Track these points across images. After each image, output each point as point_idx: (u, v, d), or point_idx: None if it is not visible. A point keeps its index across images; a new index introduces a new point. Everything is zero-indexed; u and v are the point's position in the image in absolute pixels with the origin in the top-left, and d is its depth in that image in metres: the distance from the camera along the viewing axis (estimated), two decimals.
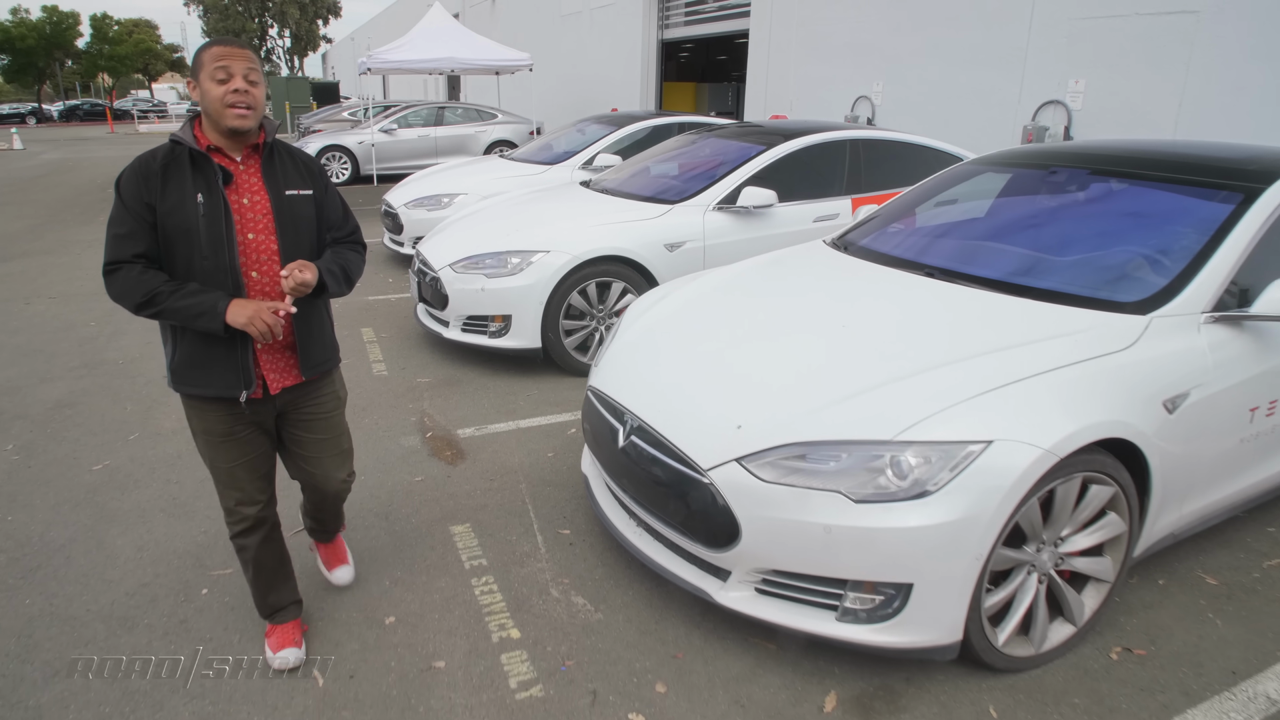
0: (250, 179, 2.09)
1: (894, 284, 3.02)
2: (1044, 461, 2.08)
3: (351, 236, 2.33)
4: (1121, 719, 2.20)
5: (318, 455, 2.36)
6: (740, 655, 2.42)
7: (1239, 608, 2.70)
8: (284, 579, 2.43)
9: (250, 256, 2.08)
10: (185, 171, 2.00)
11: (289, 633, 2.40)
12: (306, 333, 2.21)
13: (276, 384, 2.19)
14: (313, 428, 2.33)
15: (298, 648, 2.37)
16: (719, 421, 2.36)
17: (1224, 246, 2.71)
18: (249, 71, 1.99)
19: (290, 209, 2.13)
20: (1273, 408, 2.76)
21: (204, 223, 1.99)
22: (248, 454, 2.23)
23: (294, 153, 2.22)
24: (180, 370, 2.12)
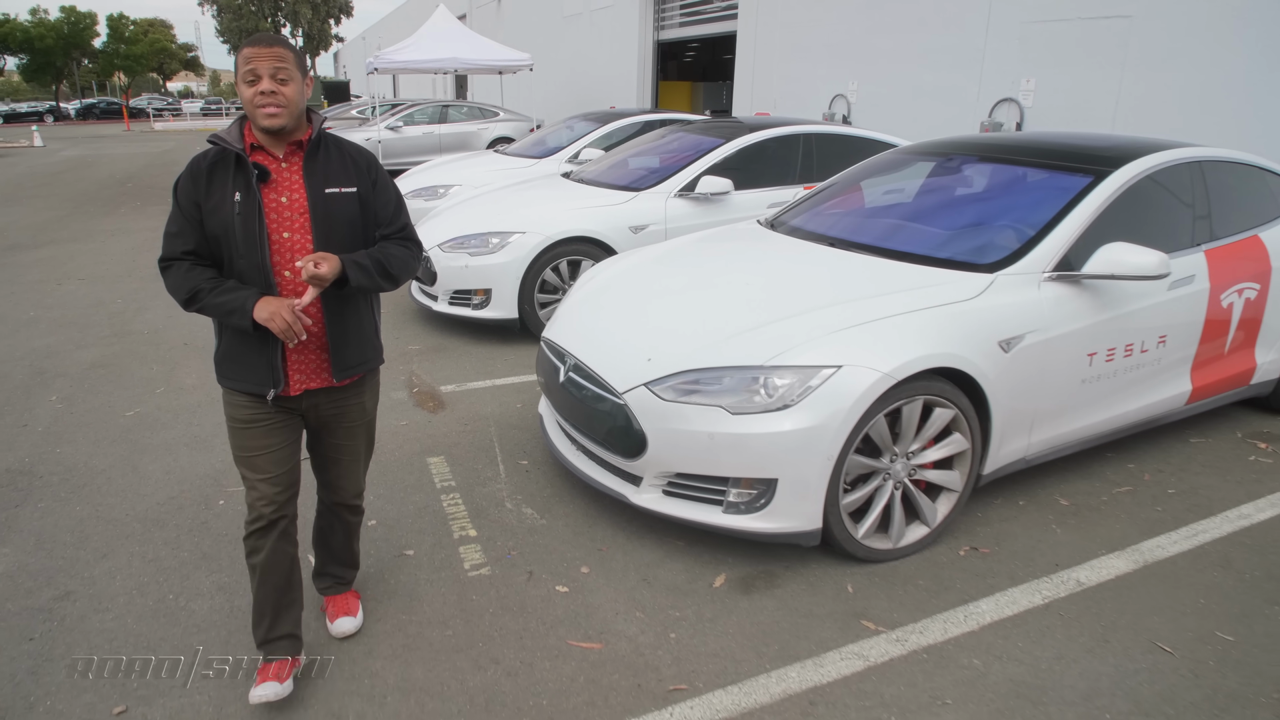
0: (290, 177, 2.07)
1: (799, 252, 3.57)
2: (883, 383, 2.63)
3: (402, 233, 2.23)
4: (953, 595, 2.74)
5: (334, 458, 2.35)
6: (652, 548, 2.98)
7: (1080, 522, 3.23)
8: (288, 602, 2.26)
9: (284, 255, 2.06)
10: (229, 171, 2.03)
11: (277, 669, 2.20)
12: (340, 333, 2.15)
13: (299, 385, 2.16)
14: (335, 433, 2.30)
15: (279, 683, 2.16)
16: (634, 357, 2.92)
17: (1068, 218, 3.25)
18: (278, 70, 1.98)
19: (327, 207, 2.08)
20: (1111, 355, 3.30)
21: (239, 221, 2.00)
22: (272, 443, 2.18)
23: (344, 147, 2.16)
24: (221, 363, 2.16)
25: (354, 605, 2.56)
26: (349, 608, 2.54)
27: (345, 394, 2.26)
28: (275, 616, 2.23)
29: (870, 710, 2.22)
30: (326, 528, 2.51)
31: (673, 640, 2.49)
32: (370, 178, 2.17)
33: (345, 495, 2.42)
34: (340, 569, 2.57)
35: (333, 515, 2.48)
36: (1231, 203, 3.85)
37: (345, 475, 2.39)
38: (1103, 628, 2.58)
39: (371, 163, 2.19)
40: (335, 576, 2.56)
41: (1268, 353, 4.02)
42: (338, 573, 2.56)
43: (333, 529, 2.50)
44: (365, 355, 2.25)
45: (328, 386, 2.21)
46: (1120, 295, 3.26)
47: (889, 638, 2.51)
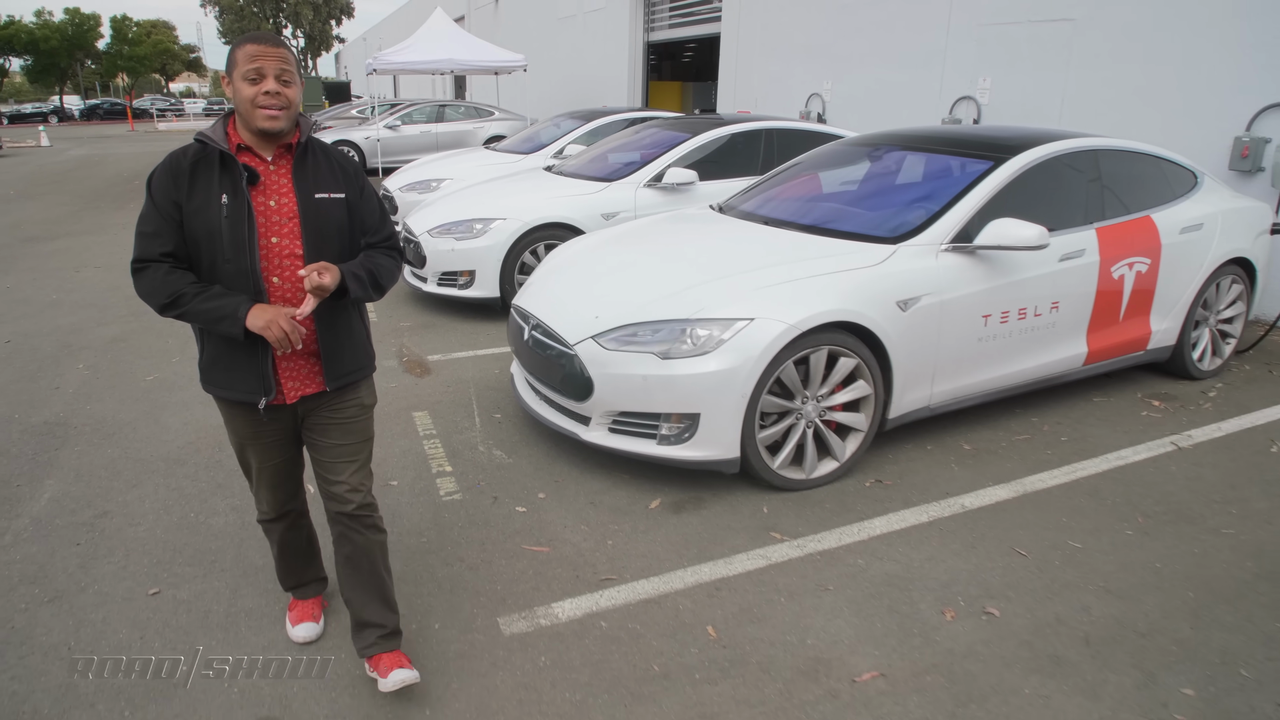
0: (279, 180, 2.01)
1: (737, 230, 4.07)
2: (788, 333, 3.12)
3: (387, 242, 2.21)
4: (853, 514, 3.24)
5: (331, 460, 2.19)
6: (601, 478, 3.48)
7: (977, 462, 3.73)
8: (309, 559, 2.49)
9: (273, 261, 2.00)
10: (213, 171, 1.95)
11: (309, 609, 2.49)
12: (333, 340, 2.11)
13: (294, 392, 2.11)
14: (329, 433, 2.19)
15: (315, 623, 2.46)
16: (585, 316, 3.42)
17: (965, 199, 3.75)
18: (282, 72, 1.93)
19: (317, 212, 2.03)
20: (1006, 317, 3.80)
21: (226, 225, 1.93)
22: (273, 459, 2.21)
23: (330, 153, 2.13)
24: (207, 371, 2.11)
25: (404, 658, 2.24)
26: (400, 661, 2.22)
27: (343, 395, 2.19)
28: (302, 569, 2.49)
29: (764, 594, 2.71)
30: (352, 554, 2.22)
31: (609, 546, 2.99)
32: (357, 185, 2.14)
33: (351, 500, 2.19)
34: (381, 614, 2.25)
35: (351, 537, 2.21)
36: (1124, 187, 4.34)
37: (344, 473, 2.19)
38: (973, 538, 3.08)
39: (357, 170, 2.16)
40: (377, 627, 2.24)
41: (1162, 321, 4.51)
42: (379, 620, 2.24)
43: (359, 554, 2.22)
44: (359, 362, 2.20)
45: (322, 391, 2.15)
46: (1011, 264, 3.75)
47: (790, 544, 3.01)
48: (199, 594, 2.69)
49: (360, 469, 2.24)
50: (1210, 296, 4.70)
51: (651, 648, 2.44)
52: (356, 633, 2.28)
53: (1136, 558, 2.97)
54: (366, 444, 2.27)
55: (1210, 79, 6.19)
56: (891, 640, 2.49)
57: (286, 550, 2.43)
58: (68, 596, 2.68)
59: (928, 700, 2.25)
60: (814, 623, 2.57)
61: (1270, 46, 5.82)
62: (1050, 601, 2.70)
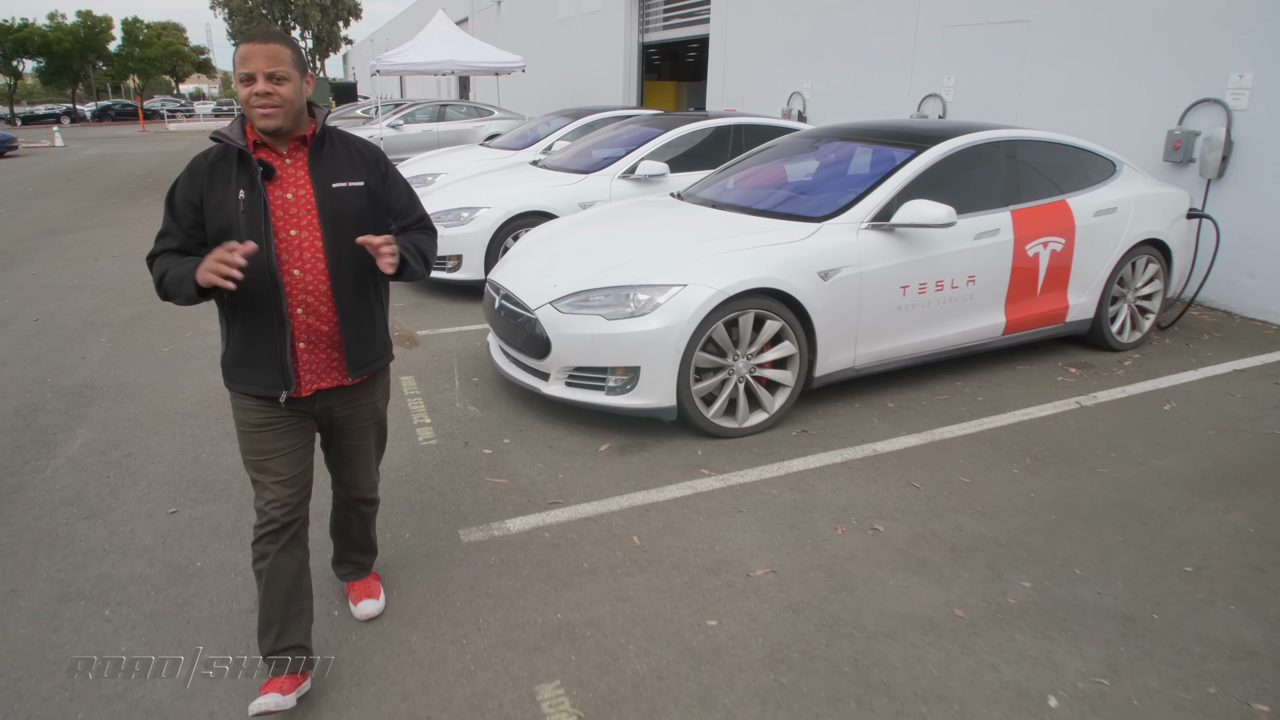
0: (296, 173, 2.03)
1: (688, 213, 4.56)
2: (716, 298, 3.61)
3: (421, 223, 2.27)
4: (776, 456, 3.71)
5: (347, 458, 2.35)
6: (560, 426, 3.98)
7: (897, 417, 4.20)
8: (297, 610, 2.17)
9: (292, 254, 2.01)
10: (232, 168, 1.99)
11: (283, 683, 2.11)
12: (355, 330, 2.13)
13: (311, 385, 2.13)
14: (348, 434, 2.29)
15: (282, 695, 2.07)
16: (545, 285, 3.91)
17: (886, 183, 4.23)
18: (273, 69, 1.92)
19: (335, 203, 2.04)
20: (923, 288, 4.27)
21: (244, 219, 1.95)
22: (285, 446, 2.15)
23: (349, 141, 2.13)
24: (229, 367, 2.12)
25: (376, 588, 2.61)
26: (371, 590, 2.58)
27: (357, 393, 2.23)
28: (284, 625, 2.14)
29: (686, 514, 3.20)
30: (343, 520, 2.53)
31: (560, 479, 3.48)
32: (379, 171, 2.16)
33: (361, 492, 2.44)
34: (360, 555, 2.60)
35: (348, 509, 2.49)
36: (1041, 173, 4.80)
37: (360, 474, 2.39)
38: (876, 474, 3.56)
39: (379, 156, 2.17)
40: (355, 563, 2.60)
41: (1080, 295, 4.97)
42: (357, 559, 2.60)
43: (349, 521, 2.52)
44: (378, 352, 2.24)
45: (339, 385, 2.17)
46: (927, 241, 4.22)
47: (716, 478, 3.49)
48: (210, 513, 3.20)
49: (373, 468, 2.43)
50: (1126, 274, 5.15)
51: (584, 551, 2.93)
52: (336, 563, 2.64)
53: (1015, 490, 3.44)
54: (383, 441, 2.43)
55: (1149, 77, 6.64)
56: (787, 548, 2.98)
57: (275, 583, 2.13)
58: (101, 514, 3.19)
59: (807, 589, 2.73)
60: (724, 535, 3.05)
61: (1199, 46, 6.26)
62: (929, 521, 3.18)
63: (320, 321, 2.09)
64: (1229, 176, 6.21)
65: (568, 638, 2.47)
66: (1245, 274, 6.19)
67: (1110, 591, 2.74)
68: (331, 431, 2.29)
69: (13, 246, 8.81)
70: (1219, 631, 2.54)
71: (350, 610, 2.57)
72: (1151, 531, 3.12)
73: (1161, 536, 3.09)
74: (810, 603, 2.65)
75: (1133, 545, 3.02)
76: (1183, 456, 3.77)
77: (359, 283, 2.12)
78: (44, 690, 2.26)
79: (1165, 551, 2.98)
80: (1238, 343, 5.55)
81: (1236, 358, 5.20)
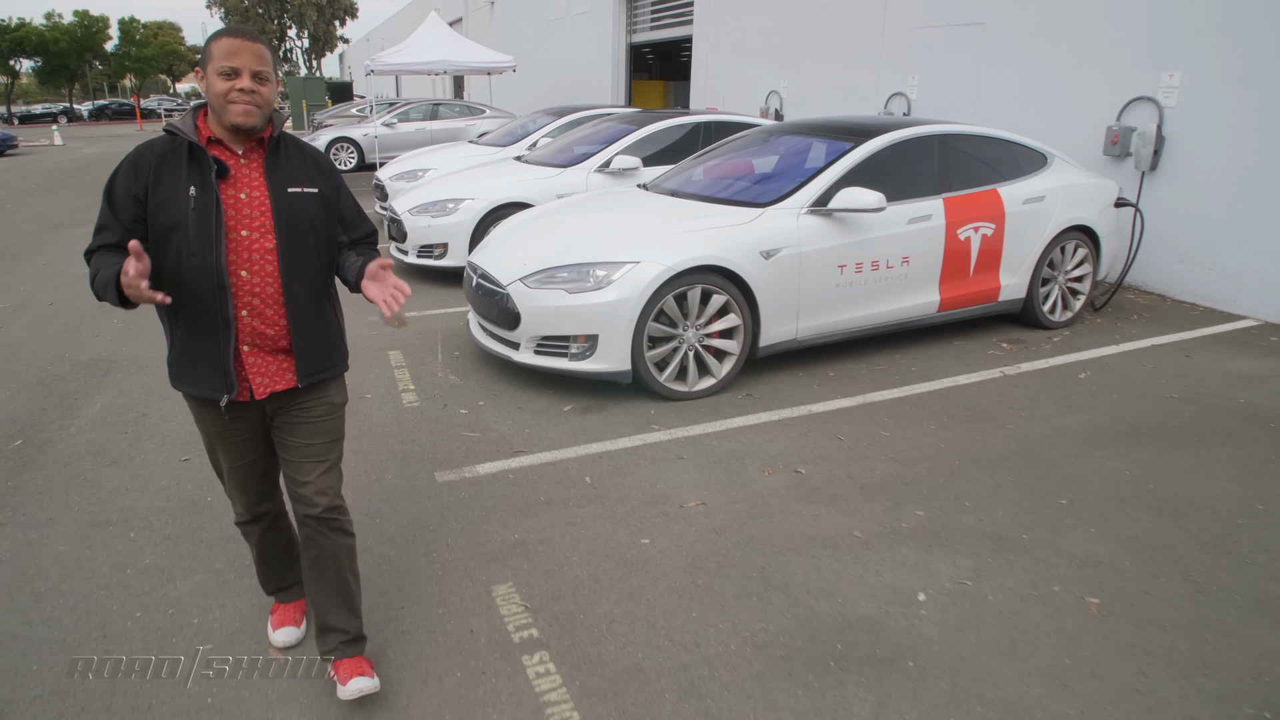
0: (250, 174, 1.99)
1: (650, 201, 5.01)
2: (665, 273, 4.06)
3: (369, 238, 2.26)
4: (720, 415, 4.17)
5: (299, 460, 2.16)
6: (529, 390, 4.43)
7: (836, 384, 4.65)
8: (289, 562, 2.43)
9: (241, 255, 1.97)
10: (181, 164, 1.93)
11: (290, 613, 2.45)
12: (306, 336, 2.08)
13: (264, 388, 2.06)
14: (297, 432, 2.15)
15: (297, 627, 2.42)
16: (516, 264, 4.37)
17: (825, 173, 4.68)
18: (258, 67, 1.91)
19: (290, 207, 2.01)
20: (860, 268, 4.72)
21: (193, 217, 1.90)
22: (242, 458, 2.17)
23: (303, 148, 2.12)
24: (173, 367, 2.08)
25: (367, 666, 2.21)
26: (362, 668, 2.19)
27: (312, 393, 2.16)
28: (283, 573, 2.46)
29: (634, 460, 3.66)
30: (318, 557, 2.20)
31: (526, 433, 3.93)
32: (333, 182, 2.15)
33: (318, 502, 2.16)
34: (342, 618, 2.22)
35: (318, 540, 2.18)
36: (973, 165, 5.26)
37: (311, 474, 2.16)
38: (807, 429, 4.02)
39: (332, 167, 2.18)
40: (339, 632, 2.22)
41: (1011, 276, 5.43)
42: (340, 625, 2.22)
43: (323, 564, 2.19)
44: (331, 359, 2.17)
45: (292, 388, 2.11)
46: (862, 225, 4.68)
47: (664, 432, 3.95)
48: None
49: (329, 470, 2.20)
50: (1056, 258, 5.61)
51: (541, 488, 3.39)
52: (320, 635, 2.25)
53: (928, 441, 3.90)
54: (336, 444, 2.23)
55: (1092, 76, 7.10)
56: (718, 486, 3.43)
57: (266, 553, 2.39)
58: (122, 462, 3.64)
59: (730, 516, 3.19)
60: (665, 476, 3.51)
61: (1137, 47, 6.72)
62: (847, 466, 3.63)
63: (265, 325, 2.02)
64: (1161, 169, 6.68)
65: (522, 552, 2.93)
66: (1176, 260, 6.66)
67: (991, 519, 3.20)
68: (282, 430, 2.16)
69: (23, 239, 9.25)
70: (1075, 547, 3.00)
71: (337, 690, 2.16)
72: (1040, 474, 3.58)
73: (1047, 478, 3.55)
74: (731, 526, 3.11)
75: (1020, 484, 3.48)
76: (1084, 415, 4.23)
77: (311, 288, 2.08)
78: (83, 590, 2.71)
79: (1047, 489, 3.44)
80: (1164, 322, 6.02)
81: (1158, 335, 5.67)
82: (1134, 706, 2.22)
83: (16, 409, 4.25)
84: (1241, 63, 6.03)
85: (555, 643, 2.46)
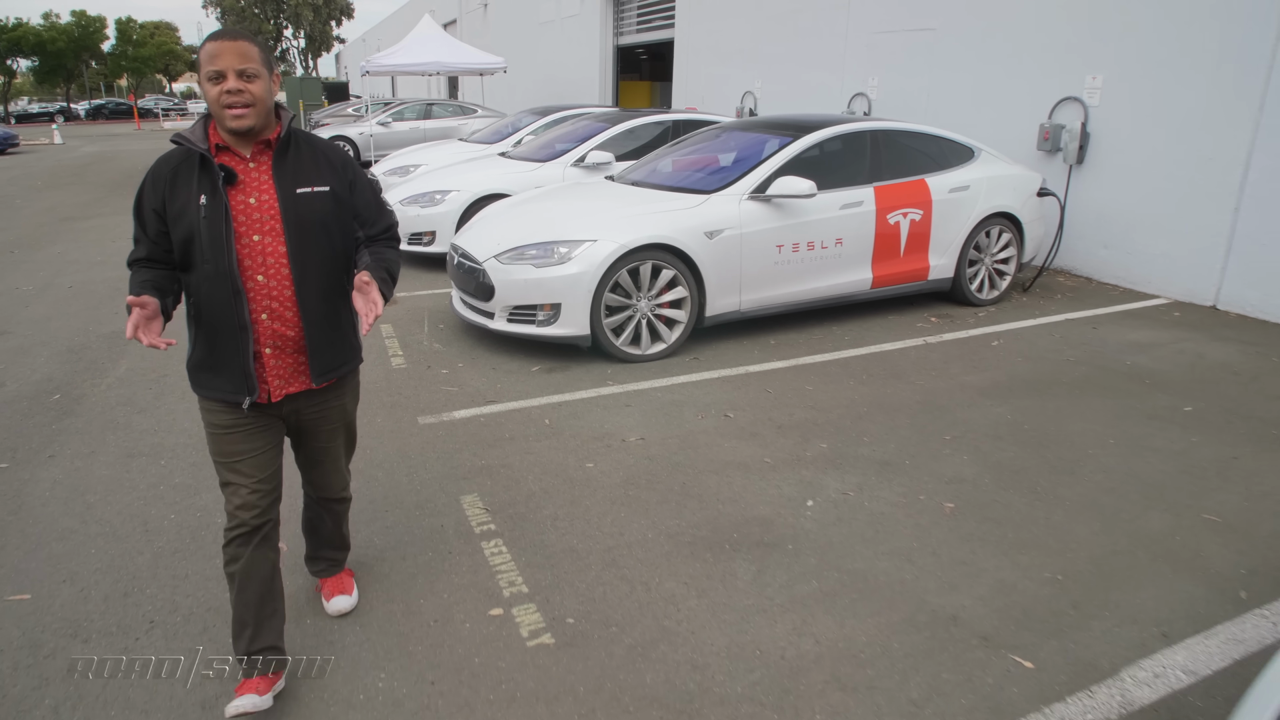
0: (259, 178, 2.00)
1: (613, 190, 5.63)
2: (619, 250, 4.68)
3: (387, 233, 2.25)
4: (669, 374, 4.78)
5: (316, 461, 2.34)
6: (503, 354, 5.04)
7: (775, 351, 5.27)
8: (269, 612, 2.19)
9: (255, 260, 1.99)
10: (193, 172, 1.96)
11: (258, 683, 2.14)
12: (321, 335, 2.12)
13: (280, 390, 2.12)
14: (316, 435, 2.28)
15: (259, 696, 2.10)
16: (492, 243, 4.98)
17: (764, 164, 5.30)
18: (244, 67, 1.90)
19: (299, 208, 2.02)
20: (796, 248, 5.34)
21: (204, 225, 1.93)
22: (254, 447, 2.15)
23: (316, 144, 2.11)
24: (194, 372, 2.12)
25: (349, 584, 2.62)
26: (344, 586, 2.60)
27: (326, 396, 2.22)
28: (257, 628, 2.16)
29: (588, 408, 4.27)
30: (315, 518, 2.51)
31: (498, 387, 4.55)
32: (346, 177, 2.14)
33: (331, 491, 2.43)
34: (332, 552, 2.60)
35: (320, 508, 2.48)
36: (903, 157, 5.88)
37: (330, 474, 2.39)
38: (741, 384, 4.63)
39: (346, 161, 2.15)
40: (328, 559, 2.59)
41: (940, 258, 6.05)
42: (330, 555, 2.59)
43: (321, 519, 2.51)
44: (345, 357, 2.22)
45: (308, 389, 2.16)
46: (799, 209, 5.29)
47: (617, 386, 4.57)
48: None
49: (343, 469, 2.42)
50: (982, 241, 6.24)
51: (507, 428, 4.01)
52: (309, 560, 2.62)
53: (845, 394, 4.52)
54: (352, 443, 2.41)
55: (1028, 77, 7.73)
56: (658, 426, 4.05)
57: (248, 585, 2.15)
58: (149, 410, 4.24)
59: (664, 448, 3.80)
60: (613, 419, 4.13)
61: (1066, 51, 7.35)
62: (770, 411, 4.25)
63: (286, 327, 2.06)
64: (1087, 163, 7.31)
65: (486, 472, 3.55)
66: (1101, 245, 7.29)
67: (883, 450, 3.82)
68: (300, 434, 2.27)
69: (36, 231, 9.84)
70: (947, 470, 3.62)
71: (322, 606, 2.58)
72: (934, 418, 4.20)
73: (939, 420, 4.17)
74: (663, 455, 3.73)
75: (915, 425, 4.10)
76: (987, 374, 4.85)
77: (325, 288, 2.11)
78: (125, 500, 3.32)
79: (937, 429, 4.06)
80: (1084, 301, 6.64)
81: (1075, 311, 6.29)
82: (959, 573, 2.84)
83: (51, 371, 4.85)
84: (1151, 65, 6.66)
85: (508, 533, 3.07)
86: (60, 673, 2.34)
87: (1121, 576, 2.85)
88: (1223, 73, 6.17)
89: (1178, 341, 5.53)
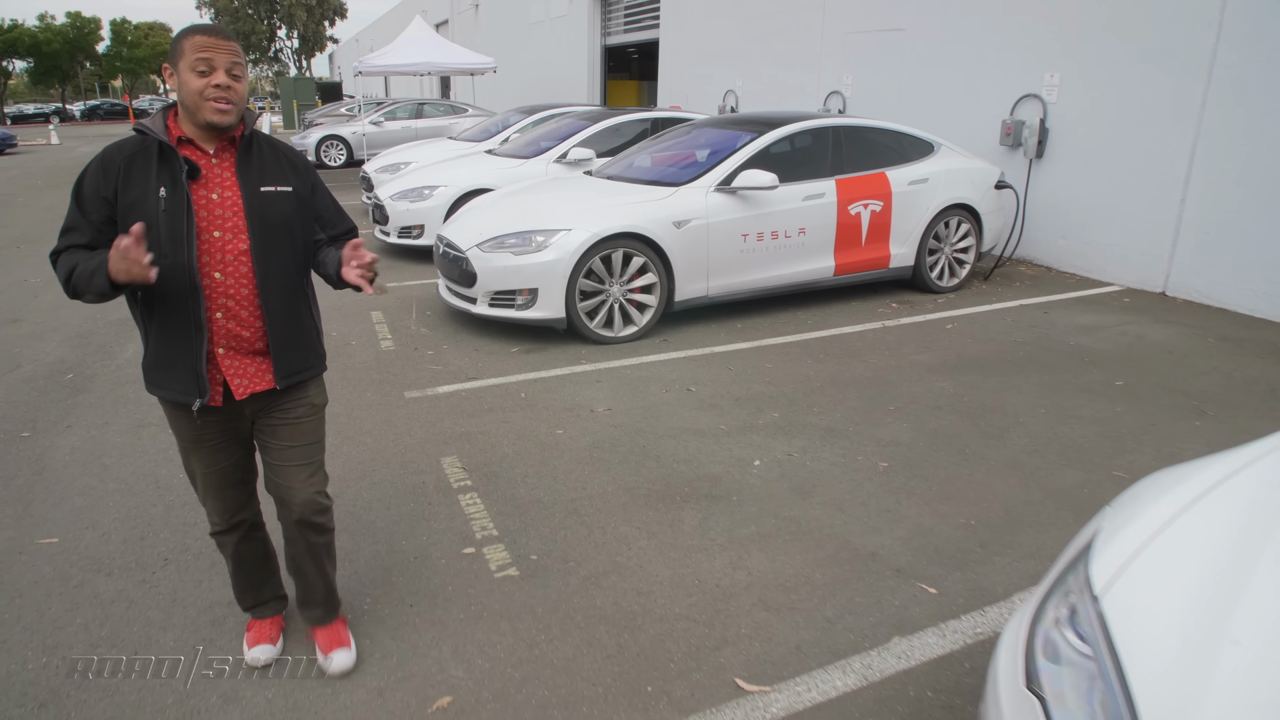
0: (222, 173, 1.98)
1: (589, 183, 5.98)
2: (591, 239, 5.03)
3: (348, 235, 2.24)
4: (639, 354, 5.13)
5: (282, 464, 2.20)
6: (486, 336, 5.39)
7: (741, 333, 5.62)
8: (266, 575, 2.34)
9: (215, 256, 1.95)
10: (151, 164, 1.91)
11: (266, 629, 2.34)
12: (282, 336, 2.08)
13: (243, 389, 2.05)
14: (279, 434, 2.17)
15: (272, 645, 2.27)
16: (474, 233, 5.33)
17: (731, 158, 5.66)
18: (233, 65, 1.90)
19: (264, 207, 2.00)
20: (761, 237, 5.70)
21: (164, 218, 1.88)
22: (219, 462, 2.14)
23: (277, 146, 2.10)
24: (147, 370, 2.07)
25: (344, 635, 2.41)
26: (340, 638, 2.38)
27: (290, 394, 2.17)
28: (259, 588, 2.37)
29: (562, 383, 4.62)
30: (297, 555, 2.31)
31: (479, 366, 4.89)
32: (308, 180, 2.14)
33: (303, 507, 2.21)
34: (319, 609, 2.39)
35: (300, 541, 2.28)
36: (864, 151, 6.24)
37: (297, 478, 2.20)
38: (705, 362, 4.98)
39: (307, 165, 2.16)
40: (317, 608, 2.40)
41: (900, 247, 6.41)
42: (317, 612, 2.40)
43: (302, 558, 2.30)
44: (309, 360, 2.18)
45: (272, 389, 2.12)
46: (763, 201, 5.64)
47: (589, 365, 4.91)
48: None
49: (313, 474, 2.23)
50: (941, 231, 6.59)
51: (486, 401, 4.36)
52: (300, 606, 2.41)
53: (801, 371, 4.87)
54: (317, 446, 2.25)
55: (992, 75, 8.09)
56: (624, 399, 4.40)
57: (242, 565, 2.31)
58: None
59: (628, 417, 4.15)
60: (584, 393, 4.48)
61: (1027, 50, 7.71)
62: (729, 386, 4.60)
63: (241, 327, 2.02)
64: (1046, 157, 7.67)
65: (465, 438, 3.89)
66: (1059, 236, 7.66)
67: (830, 418, 4.17)
68: (264, 433, 2.19)
69: (39, 227, 10.16)
70: (886, 435, 3.98)
71: (319, 661, 2.36)
72: (881, 392, 4.55)
73: (886, 394, 4.52)
74: (627, 423, 4.08)
75: (863, 398, 4.46)
76: (937, 354, 5.21)
77: (288, 288, 2.08)
78: (138, 462, 3.66)
79: (883, 401, 4.42)
80: (1041, 288, 7.01)
81: (1031, 297, 6.66)
82: (884, 519, 3.20)
83: (64, 354, 5.19)
84: (1105, 64, 7.03)
85: (483, 488, 3.42)
86: (88, 599, 2.68)
87: (1029, 522, 3.21)
88: (1169, 71, 6.54)
89: (1122, 324, 5.89)
